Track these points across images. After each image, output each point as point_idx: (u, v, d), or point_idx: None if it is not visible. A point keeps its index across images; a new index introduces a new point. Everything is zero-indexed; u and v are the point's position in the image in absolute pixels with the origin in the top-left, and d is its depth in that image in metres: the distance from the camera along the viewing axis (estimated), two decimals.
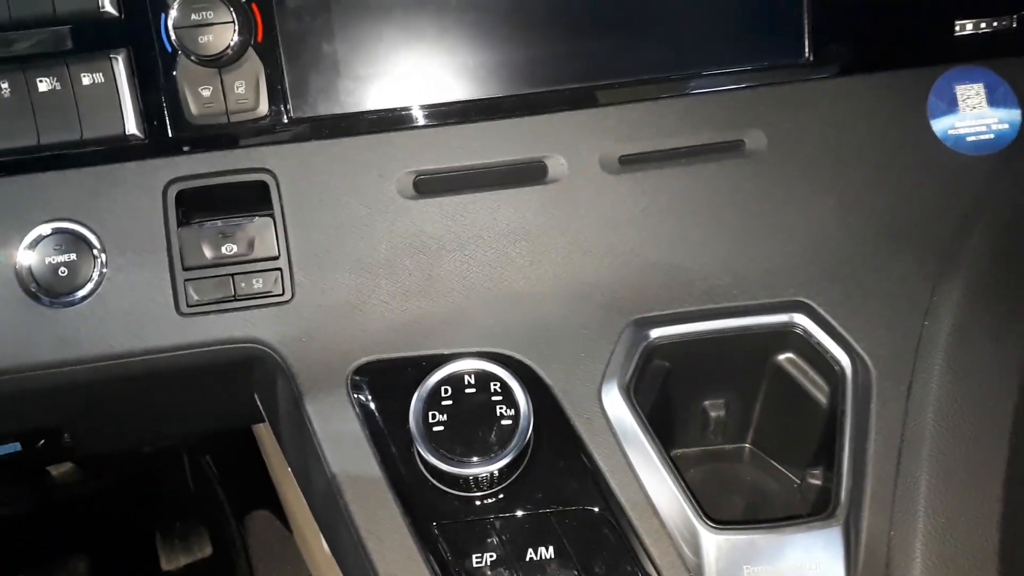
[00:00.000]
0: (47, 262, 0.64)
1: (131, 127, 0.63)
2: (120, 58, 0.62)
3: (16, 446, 0.79)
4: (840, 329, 0.65)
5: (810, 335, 0.65)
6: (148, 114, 0.64)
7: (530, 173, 0.68)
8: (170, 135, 0.64)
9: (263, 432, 1.05)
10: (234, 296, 0.65)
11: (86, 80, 0.62)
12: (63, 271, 0.64)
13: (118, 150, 0.64)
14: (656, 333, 0.65)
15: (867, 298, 0.66)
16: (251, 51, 0.63)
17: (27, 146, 0.63)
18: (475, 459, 0.58)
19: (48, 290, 0.64)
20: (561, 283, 0.67)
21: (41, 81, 0.62)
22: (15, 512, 1.22)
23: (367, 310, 0.66)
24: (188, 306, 0.65)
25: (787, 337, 0.67)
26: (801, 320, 0.66)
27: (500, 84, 0.66)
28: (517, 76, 0.66)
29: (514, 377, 0.62)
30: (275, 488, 1.08)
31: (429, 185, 0.67)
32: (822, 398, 0.66)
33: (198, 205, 0.66)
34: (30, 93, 0.62)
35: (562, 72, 0.67)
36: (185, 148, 0.65)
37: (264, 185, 0.65)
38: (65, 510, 1.23)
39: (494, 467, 0.58)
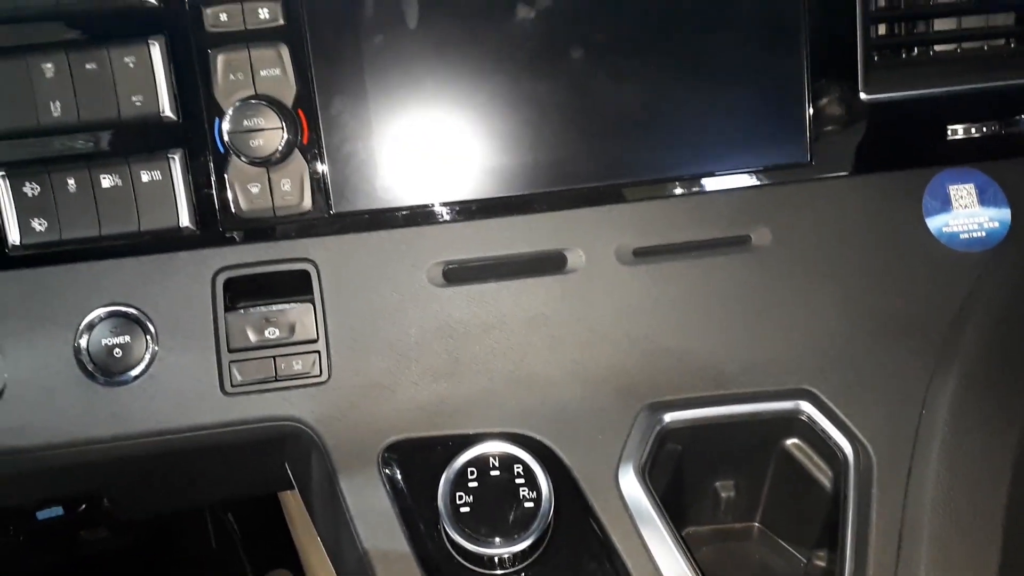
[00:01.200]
0: (103, 343, 0.69)
1: (184, 220, 0.69)
2: (177, 158, 0.68)
3: (59, 510, 0.83)
4: (843, 417, 0.69)
5: (814, 422, 0.69)
6: (200, 208, 0.69)
7: (551, 264, 0.73)
8: (220, 228, 0.70)
9: (288, 497, 1.09)
10: (275, 377, 0.70)
11: (145, 177, 0.68)
12: (118, 352, 0.68)
13: (172, 240, 0.69)
14: (669, 417, 0.69)
15: (868, 387, 0.70)
16: (296, 152, 0.69)
17: (89, 236, 0.68)
18: (499, 539, 0.62)
19: (104, 370, 0.69)
20: (580, 367, 0.71)
21: (104, 178, 0.68)
22: (40, 569, 1.25)
23: (398, 391, 0.70)
24: (232, 386, 0.69)
25: (793, 423, 0.71)
26: (806, 408, 0.70)
27: (523, 183, 0.72)
28: (539, 175, 0.72)
29: (536, 460, 0.66)
30: (297, 551, 1.11)
31: (457, 274, 0.72)
32: (826, 482, 0.70)
33: (244, 291, 0.71)
34: (94, 189, 0.68)
35: (580, 172, 0.72)
36: (234, 240, 0.70)
37: (306, 274, 0.71)
38: (89, 567, 1.26)
39: (517, 548, 0.61)
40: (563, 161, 0.72)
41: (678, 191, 0.73)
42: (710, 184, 0.73)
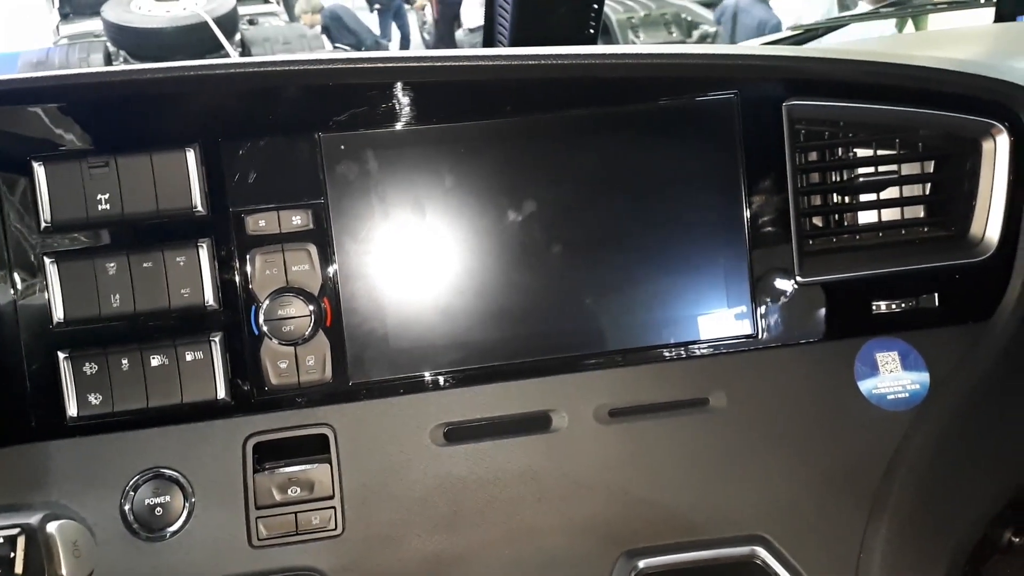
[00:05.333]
0: (146, 503, 0.78)
1: (221, 393, 0.79)
2: (217, 340, 0.79)
3: None
4: (792, 560, 0.80)
5: (768, 565, 0.80)
6: (235, 382, 0.80)
7: (537, 424, 0.84)
8: (252, 399, 0.80)
9: None
10: (296, 531, 0.79)
11: (189, 357, 0.79)
12: (159, 511, 0.78)
13: (209, 410, 0.80)
14: (643, 563, 0.80)
15: (813, 533, 0.81)
16: (321, 332, 0.81)
17: (137, 408, 0.79)
18: None
19: (145, 526, 0.78)
20: (565, 518, 0.82)
21: (154, 358, 0.79)
22: None
23: (404, 542, 0.80)
24: (259, 540, 0.79)
25: (750, 566, 0.81)
26: (761, 552, 0.80)
27: (513, 353, 0.83)
28: (527, 347, 0.84)
29: None
30: None
31: (457, 434, 0.83)
32: None
33: (270, 453, 0.81)
34: (144, 368, 0.78)
35: (563, 343, 0.84)
36: (263, 408, 0.81)
37: (325, 437, 0.81)
38: None
39: None
40: (548, 334, 0.84)
41: (647, 360, 0.86)
42: (673, 354, 0.86)
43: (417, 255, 0.82)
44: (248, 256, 0.80)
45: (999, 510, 0.90)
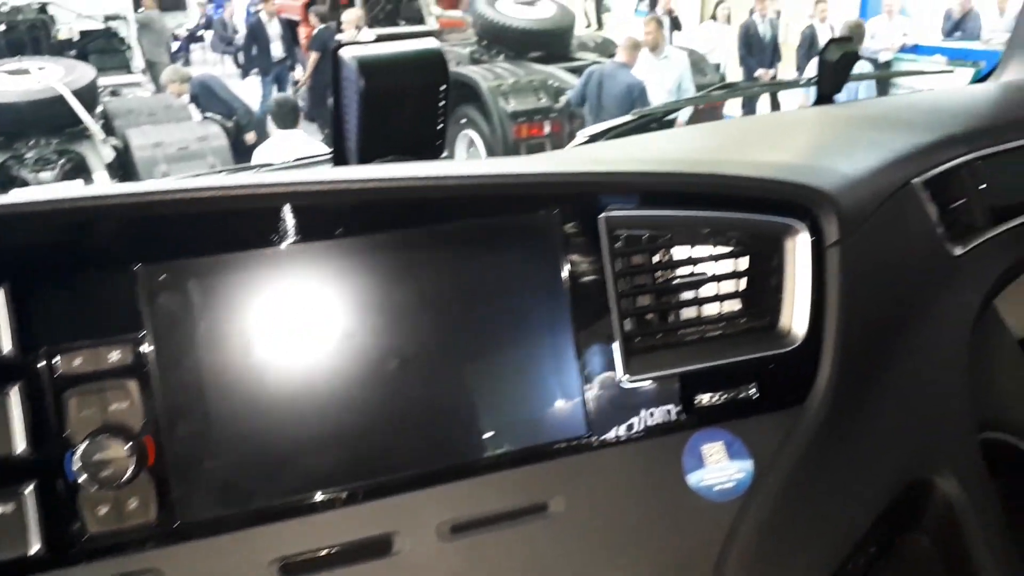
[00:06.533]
0: None
1: (35, 548, 0.75)
2: (28, 490, 0.75)
3: None
4: None
5: None
6: (51, 534, 0.76)
7: (379, 549, 0.83)
8: (71, 551, 0.76)
9: None
10: None
11: None
12: None
13: (24, 566, 0.75)
14: None
15: None
16: (144, 472, 0.78)
17: None
18: None
19: None
20: None
21: None
22: None
23: None
24: None
25: None
26: None
27: (348, 477, 0.83)
28: (362, 469, 0.83)
29: None
30: None
31: (294, 568, 0.81)
32: None
33: None
34: None
35: (402, 462, 0.85)
36: (84, 559, 0.77)
37: None
38: None
39: None
40: (386, 453, 0.84)
41: (487, 469, 0.87)
42: (510, 461, 0.87)
43: (246, 383, 0.80)
44: (62, 397, 0.76)
45: None
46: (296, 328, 0.82)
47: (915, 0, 9.78)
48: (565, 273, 0.89)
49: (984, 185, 1.31)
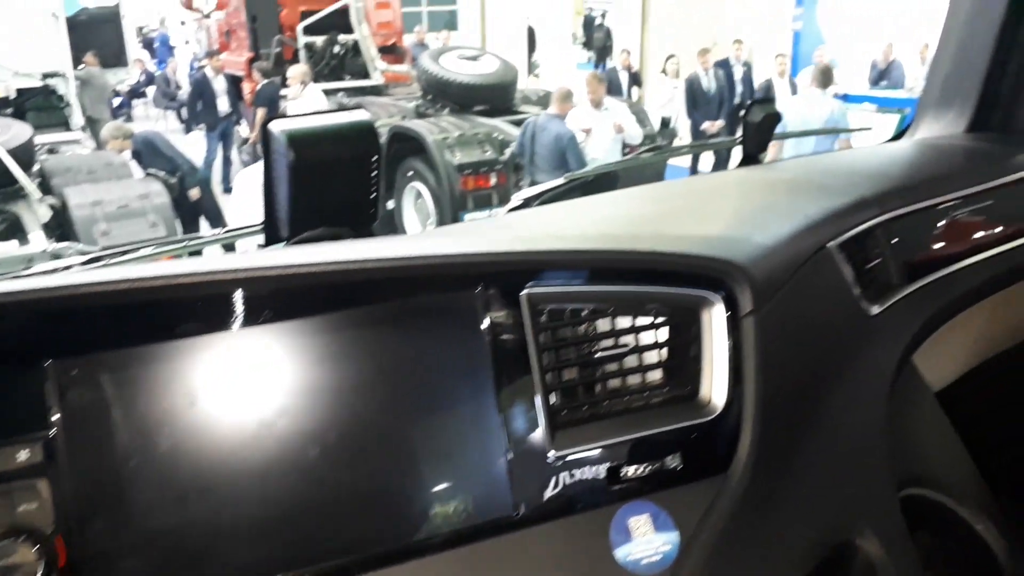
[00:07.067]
0: None
1: None
2: None
3: None
4: None
5: None
6: None
7: None
8: None
9: None
10: None
11: None
12: None
13: None
14: None
15: None
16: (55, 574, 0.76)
17: None
18: None
19: None
20: None
21: None
22: None
23: None
24: None
25: None
26: None
27: (274, 569, 0.81)
28: (289, 560, 0.82)
29: None
30: None
31: None
32: None
33: None
34: None
35: (327, 551, 0.83)
36: None
37: None
38: None
39: None
40: (305, 544, 0.83)
41: (415, 554, 0.86)
42: (438, 545, 0.87)
43: (163, 477, 0.79)
44: None
45: None
46: (215, 418, 0.81)
47: (842, 51, 10.25)
48: (490, 351, 0.91)
49: (898, 244, 1.37)
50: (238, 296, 0.83)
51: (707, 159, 8.84)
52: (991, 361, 1.74)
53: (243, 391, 0.82)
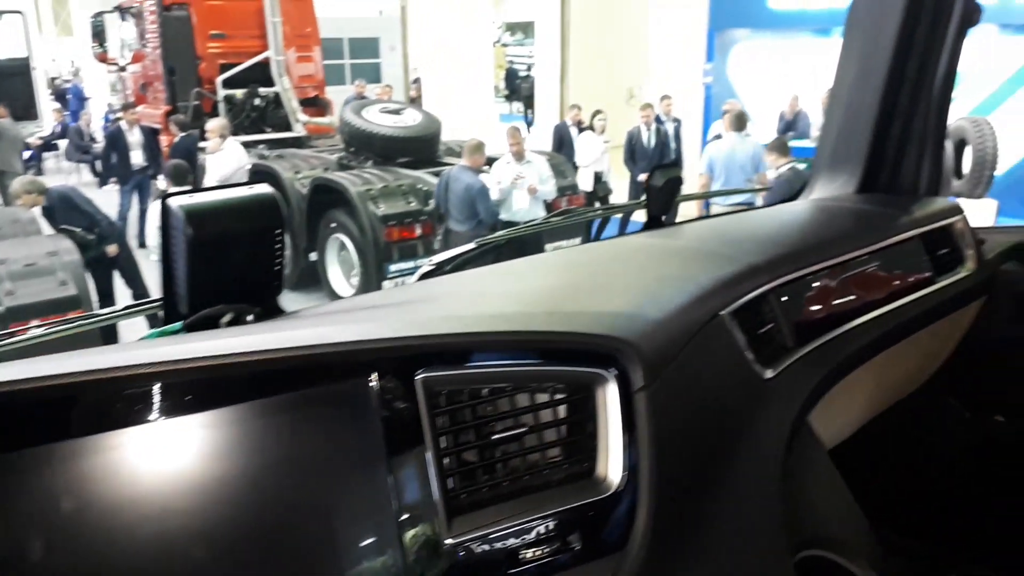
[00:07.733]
0: None
1: None
2: None
3: None
4: None
5: None
6: None
7: None
8: None
9: None
10: None
11: None
12: None
13: None
14: None
15: None
16: None
17: None
18: None
19: None
20: None
21: None
22: None
23: None
24: None
25: None
26: None
27: None
28: None
29: None
30: None
31: None
32: None
33: None
34: None
35: None
36: None
37: None
38: None
39: None
40: None
41: None
42: None
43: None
44: None
45: None
46: (102, 519, 0.78)
47: (750, 102, 10.72)
48: (383, 438, 0.90)
49: (790, 307, 1.43)
50: (124, 395, 0.81)
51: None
52: (884, 414, 1.82)
53: (132, 490, 0.80)
